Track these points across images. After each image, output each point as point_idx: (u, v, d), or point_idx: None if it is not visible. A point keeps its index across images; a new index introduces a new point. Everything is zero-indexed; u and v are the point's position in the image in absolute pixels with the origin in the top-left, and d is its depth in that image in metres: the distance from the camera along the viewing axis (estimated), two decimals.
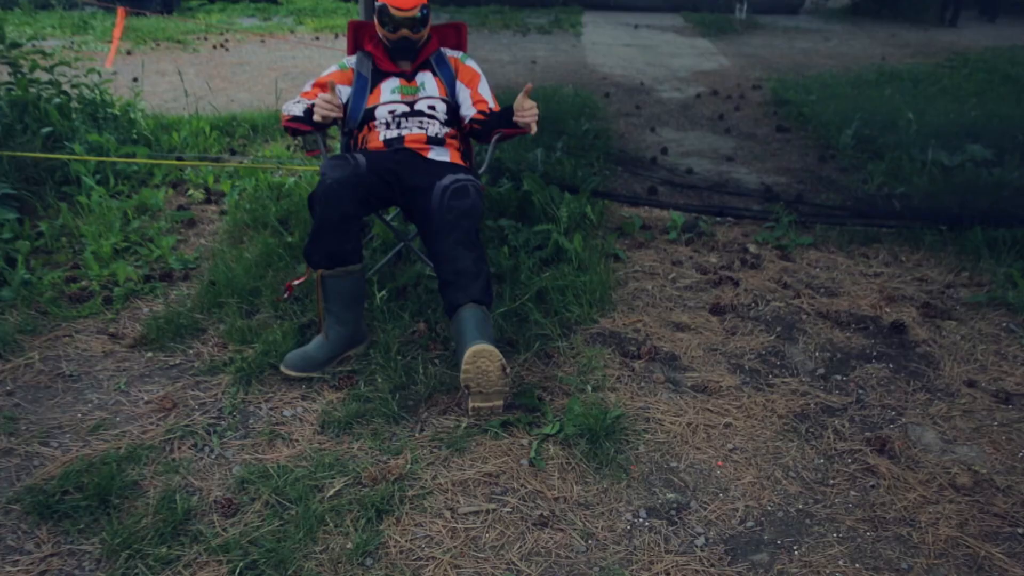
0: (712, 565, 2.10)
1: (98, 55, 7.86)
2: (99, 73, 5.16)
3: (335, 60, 3.55)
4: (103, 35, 9.91)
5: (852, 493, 2.37)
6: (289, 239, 3.80)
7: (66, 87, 4.90)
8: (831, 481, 2.43)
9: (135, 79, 7.23)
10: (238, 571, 2.02)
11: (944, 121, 6.05)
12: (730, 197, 4.72)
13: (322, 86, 3.26)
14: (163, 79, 7.56)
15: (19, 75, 4.70)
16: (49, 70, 4.85)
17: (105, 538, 2.12)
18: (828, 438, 2.62)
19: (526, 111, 3.01)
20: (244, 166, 4.88)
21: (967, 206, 4.24)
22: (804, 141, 5.99)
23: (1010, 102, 6.87)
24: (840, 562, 2.11)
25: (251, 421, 2.66)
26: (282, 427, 2.62)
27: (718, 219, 4.42)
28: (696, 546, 2.17)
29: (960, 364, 3.07)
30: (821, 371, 3.01)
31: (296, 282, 3.15)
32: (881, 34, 12.19)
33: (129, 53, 8.89)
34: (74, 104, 4.85)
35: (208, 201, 4.54)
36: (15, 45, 4.71)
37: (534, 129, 3.03)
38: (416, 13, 3.20)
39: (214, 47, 9.50)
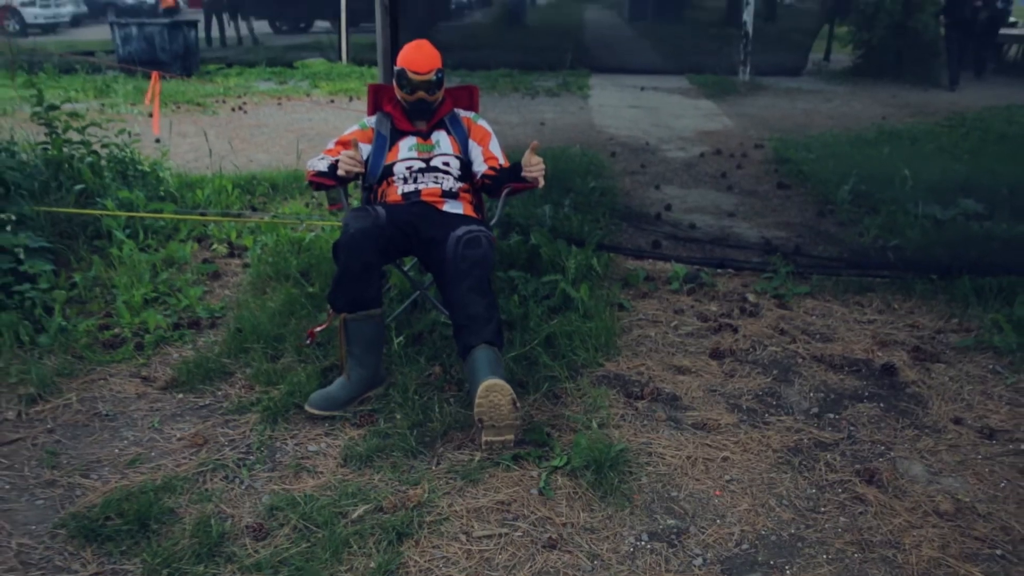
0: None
1: (127, 117, 8.20)
2: (129, 133, 5.45)
3: (350, 121, 3.81)
4: (125, 98, 10.30)
5: (841, 519, 2.53)
6: (311, 289, 4.02)
7: (96, 147, 5.17)
8: (822, 508, 2.58)
9: (157, 139, 7.54)
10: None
11: (939, 177, 6.27)
12: (731, 250, 4.93)
13: (345, 144, 3.50)
14: (184, 140, 7.88)
15: (54, 135, 4.99)
16: (81, 131, 5.13)
17: (146, 559, 2.29)
18: (820, 470, 2.78)
19: (533, 166, 3.24)
20: (265, 222, 5.13)
21: (957, 257, 4.43)
22: (803, 197, 6.22)
23: (1003, 159, 7.10)
24: (822, 568, 2.26)
25: (278, 455, 2.84)
26: (307, 460, 2.80)
27: (719, 271, 4.63)
28: (694, 566, 2.32)
29: (947, 403, 3.23)
30: (815, 410, 3.18)
31: (318, 329, 3.35)
32: (882, 95, 12.49)
33: (151, 115, 9.24)
34: (103, 163, 5.12)
35: (231, 255, 4.78)
36: (53, 107, 5.01)
37: (541, 183, 3.26)
38: (432, 76, 3.46)
39: (232, 109, 9.87)
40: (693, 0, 27.22)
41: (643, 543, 2.41)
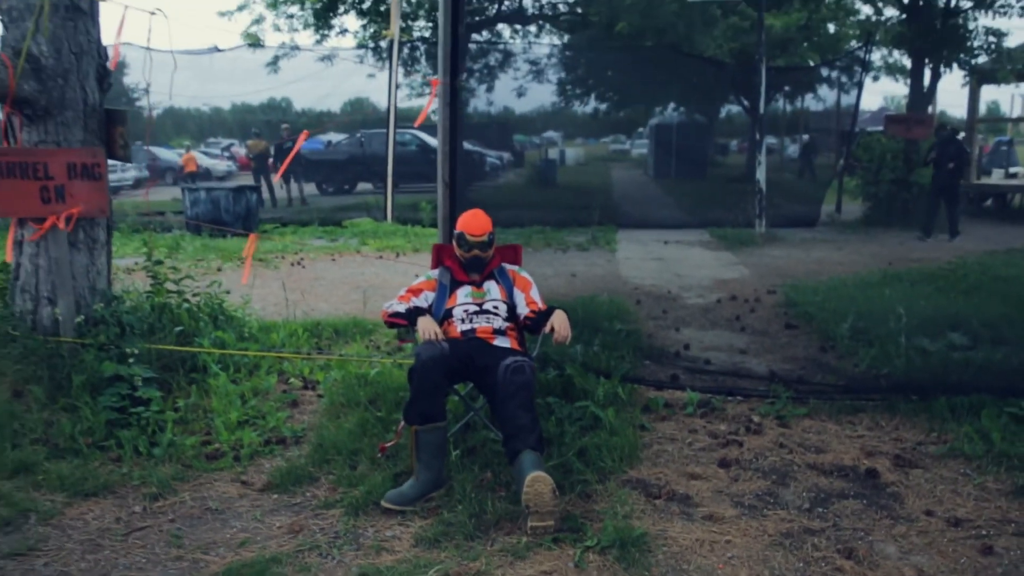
0: None
1: (202, 271, 9.16)
2: (219, 284, 6.34)
3: (398, 274, 4.64)
4: (193, 254, 11.37)
5: None
6: (379, 414, 4.73)
7: (187, 295, 6.03)
8: (806, 569, 3.16)
9: (227, 291, 8.44)
10: None
11: (932, 314, 6.95)
12: (740, 380, 5.59)
13: (415, 292, 4.32)
14: (252, 290, 8.79)
15: (158, 286, 5.87)
16: (177, 282, 6.01)
17: (279, 552, 2.91)
18: (807, 549, 3.36)
19: (560, 337, 3.99)
20: (335, 359, 5.90)
21: (937, 381, 5.07)
22: (808, 335, 6.91)
23: (995, 297, 7.77)
24: None
25: (361, 539, 3.48)
26: (386, 543, 3.43)
27: (729, 397, 5.28)
28: None
29: (921, 499, 3.81)
30: (806, 505, 3.77)
31: (388, 444, 4.05)
32: (891, 242, 13.31)
33: (219, 270, 10.25)
34: (198, 309, 5.97)
35: (305, 387, 5.52)
36: (158, 262, 5.92)
37: (568, 341, 4.02)
38: (485, 238, 4.30)
39: (292, 264, 10.87)
40: (713, 159, 28.84)
41: None
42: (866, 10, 21.95)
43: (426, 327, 4.02)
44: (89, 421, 4.55)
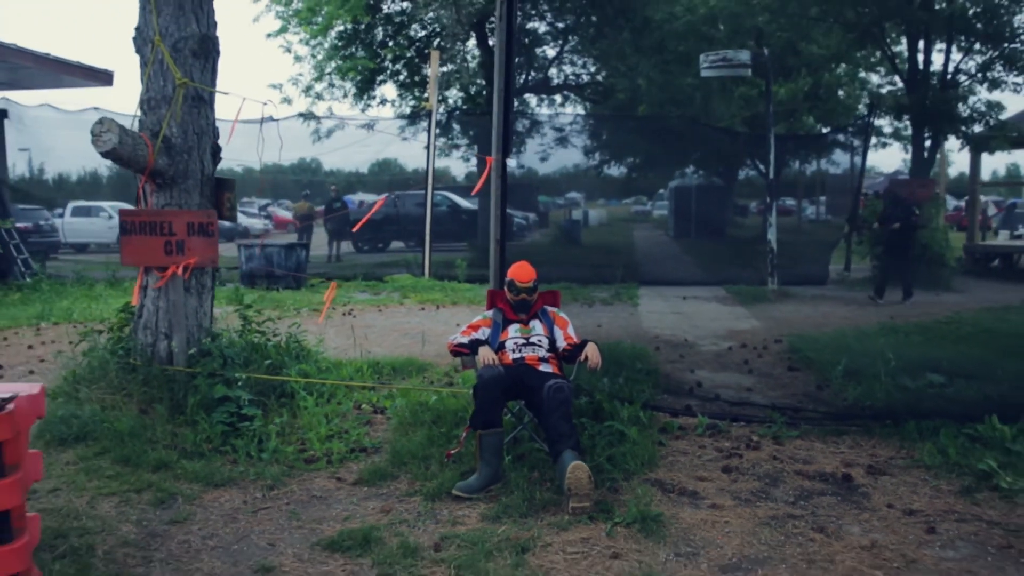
0: (711, 574, 3.78)
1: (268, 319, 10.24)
2: (298, 325, 7.42)
3: (439, 324, 5.73)
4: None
5: (798, 549, 4.04)
6: (441, 430, 5.72)
7: (269, 335, 7.09)
8: (787, 545, 4.09)
9: (305, 331, 9.52)
10: (456, 570, 3.77)
11: (918, 359, 7.86)
12: (744, 409, 6.55)
13: (474, 327, 5.36)
14: (311, 336, 9.85)
15: (248, 326, 6.93)
16: (260, 324, 7.08)
17: (373, 558, 3.89)
18: (788, 527, 4.30)
19: (592, 364, 5.01)
20: (401, 387, 6.92)
21: (911, 409, 6.01)
22: (807, 376, 7.85)
23: (978, 346, 8.68)
24: (783, 570, 3.77)
25: (438, 516, 4.46)
26: (458, 519, 4.41)
27: (733, 423, 6.23)
28: (703, 569, 3.84)
29: (885, 496, 4.74)
30: (791, 499, 4.71)
31: (453, 451, 5.05)
32: (895, 298, 14.21)
33: (280, 318, 11.33)
34: (282, 345, 7.02)
35: (375, 412, 6.53)
36: (248, 306, 7.00)
37: (598, 367, 5.02)
38: (531, 284, 5.35)
39: (343, 314, 11.95)
40: (732, 220, 29.87)
41: (671, 558, 3.95)
42: (875, 79, 23.27)
43: (486, 355, 5.04)
44: (207, 432, 5.59)
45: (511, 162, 20.52)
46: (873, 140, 23.56)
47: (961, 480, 4.96)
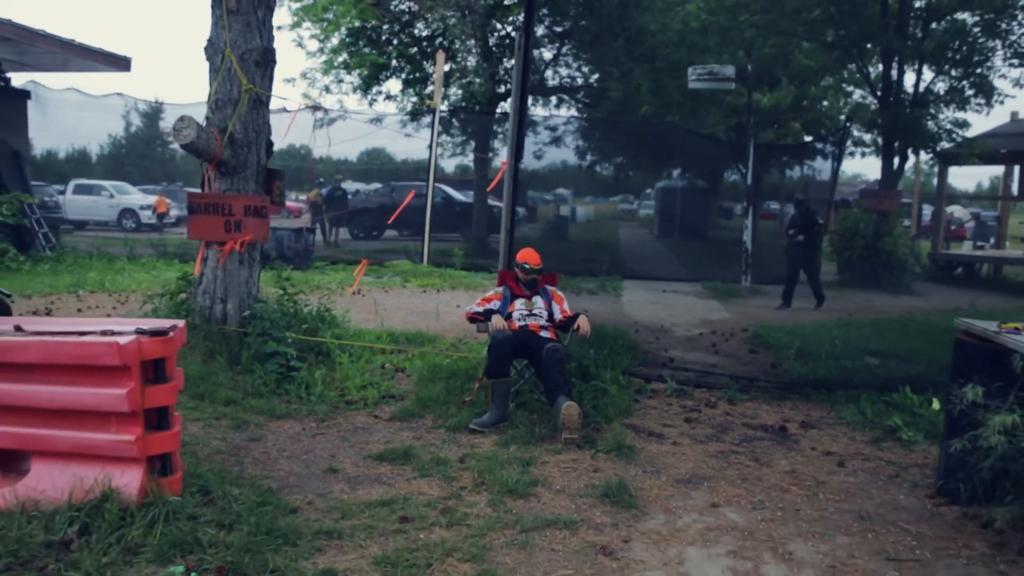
0: (670, 487, 5.01)
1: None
2: (328, 297, 8.59)
3: (441, 304, 6.85)
4: (267, 283, 13.63)
5: (736, 471, 5.29)
6: (456, 384, 6.92)
7: (302, 305, 8.26)
8: (728, 469, 5.34)
9: (333, 302, 10.67)
10: (475, 477, 4.99)
11: (863, 347, 9.15)
12: (707, 378, 7.79)
13: (487, 300, 6.57)
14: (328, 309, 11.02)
15: (286, 296, 8.10)
16: (291, 296, 8.25)
17: (414, 466, 5.11)
18: (730, 458, 5.55)
19: (583, 331, 6.23)
20: (418, 351, 8.12)
21: (844, 382, 7.28)
22: (764, 357, 9.11)
23: (918, 338, 9.96)
24: (723, 484, 5.01)
25: (459, 442, 5.68)
26: (475, 444, 5.63)
27: (696, 388, 7.48)
28: (663, 479, 5.08)
29: (811, 442, 6.00)
30: (736, 441, 5.97)
31: (468, 398, 6.26)
32: (858, 299, 15.50)
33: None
34: (315, 313, 8.20)
35: (397, 371, 7.73)
36: (287, 279, 8.18)
37: (588, 334, 6.24)
38: (539, 267, 6.56)
39: (352, 294, 13.13)
40: (715, 222, 31.15)
41: (639, 473, 5.19)
42: (858, 93, 24.55)
43: (497, 321, 6.26)
44: (262, 378, 6.78)
45: (499, 159, 21.64)
46: (855, 149, 24.98)
47: (873, 433, 6.23)
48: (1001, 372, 4.54)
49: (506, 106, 22.97)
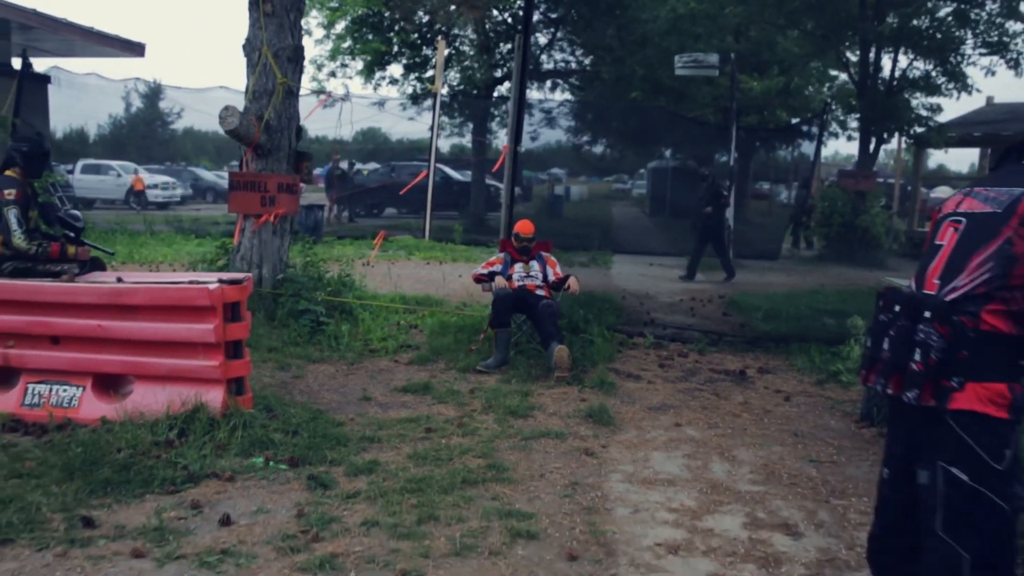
0: (643, 412, 6.13)
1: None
2: (349, 264, 9.69)
3: (444, 274, 7.99)
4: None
5: (698, 403, 6.41)
6: (463, 336, 8.02)
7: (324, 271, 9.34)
8: (692, 400, 6.47)
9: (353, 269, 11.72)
10: (483, 403, 6.10)
11: (825, 310, 10.28)
12: (682, 333, 8.91)
13: (490, 264, 7.66)
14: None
15: (311, 262, 9.18)
16: (315, 263, 9.33)
17: (432, 395, 6.22)
18: (695, 393, 6.68)
19: (573, 289, 7.34)
20: (429, 311, 9.23)
21: (800, 336, 8.40)
22: (736, 318, 10.24)
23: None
24: (686, 411, 6.14)
25: (469, 380, 6.80)
26: (482, 381, 6.75)
27: (672, 342, 8.60)
28: (638, 407, 6.20)
29: (766, 384, 7.13)
30: (702, 382, 7.09)
31: (474, 347, 7.37)
32: (832, 273, 16.61)
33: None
34: (338, 278, 9.29)
35: (411, 328, 8.83)
36: (311, 247, 9.25)
37: (578, 292, 7.35)
38: (531, 236, 7.65)
39: (362, 264, 14.19)
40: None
41: (618, 402, 6.30)
42: (843, 76, 25.57)
43: (500, 280, 7.37)
44: (296, 332, 7.87)
45: (497, 140, 22.69)
46: (840, 132, 26.07)
47: (818, 376, 7.37)
48: None
49: (503, 90, 24.01)
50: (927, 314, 2.48)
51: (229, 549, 3.70)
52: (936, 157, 41.50)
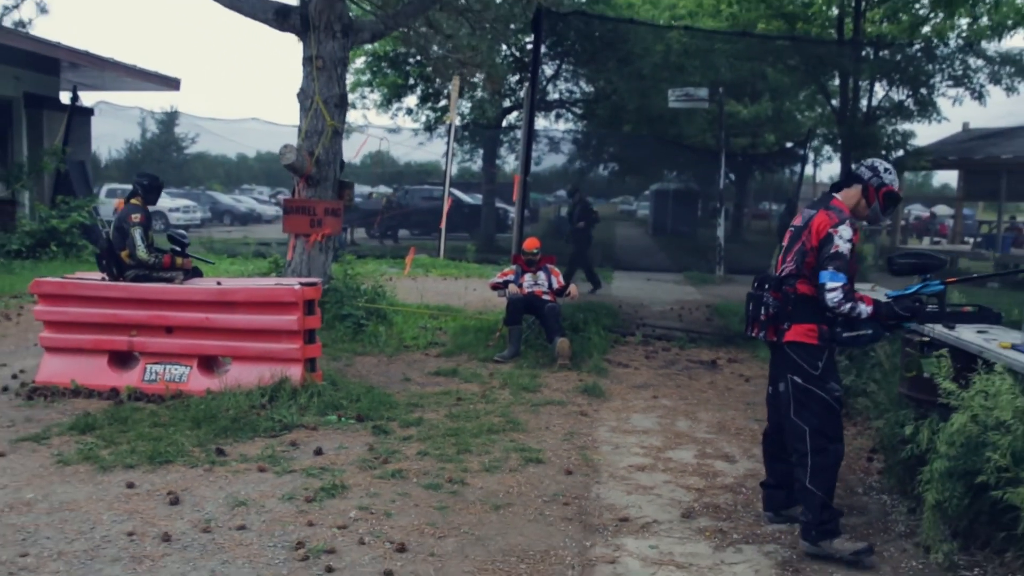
0: (628, 388, 7.67)
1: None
2: (381, 276, 11.26)
3: (460, 288, 9.51)
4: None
5: (674, 383, 7.95)
6: (482, 335, 9.56)
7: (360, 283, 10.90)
8: (669, 380, 8.00)
9: (387, 280, 13.30)
10: (501, 382, 7.64)
11: None
12: (668, 334, 10.44)
13: (504, 275, 9.23)
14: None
15: (348, 275, 10.75)
16: (352, 276, 10.89)
17: (459, 376, 7.76)
18: (672, 376, 8.22)
19: (573, 295, 8.91)
20: (452, 316, 10.78)
21: None
22: (717, 323, 11.77)
23: None
24: (663, 388, 7.67)
25: (487, 367, 8.34)
26: (499, 368, 8.29)
27: (659, 340, 10.13)
28: (625, 385, 7.73)
29: (733, 371, 8.66)
30: (680, 368, 8.63)
31: (491, 343, 8.93)
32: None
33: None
34: (371, 289, 10.86)
35: (437, 330, 10.38)
36: (349, 262, 10.83)
37: (577, 298, 8.92)
38: (536, 250, 9.23)
39: (386, 280, 15.76)
40: (698, 221, 33.75)
41: (609, 382, 7.84)
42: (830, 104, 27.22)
43: (513, 288, 8.94)
44: (341, 332, 9.43)
45: (506, 165, 24.33)
46: (824, 157, 27.71)
47: None
48: None
49: (512, 119, 25.68)
50: (767, 285, 4.05)
51: (326, 466, 5.25)
52: (940, 177, 42.99)
